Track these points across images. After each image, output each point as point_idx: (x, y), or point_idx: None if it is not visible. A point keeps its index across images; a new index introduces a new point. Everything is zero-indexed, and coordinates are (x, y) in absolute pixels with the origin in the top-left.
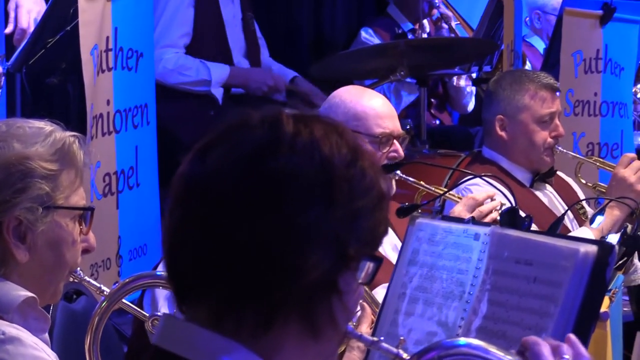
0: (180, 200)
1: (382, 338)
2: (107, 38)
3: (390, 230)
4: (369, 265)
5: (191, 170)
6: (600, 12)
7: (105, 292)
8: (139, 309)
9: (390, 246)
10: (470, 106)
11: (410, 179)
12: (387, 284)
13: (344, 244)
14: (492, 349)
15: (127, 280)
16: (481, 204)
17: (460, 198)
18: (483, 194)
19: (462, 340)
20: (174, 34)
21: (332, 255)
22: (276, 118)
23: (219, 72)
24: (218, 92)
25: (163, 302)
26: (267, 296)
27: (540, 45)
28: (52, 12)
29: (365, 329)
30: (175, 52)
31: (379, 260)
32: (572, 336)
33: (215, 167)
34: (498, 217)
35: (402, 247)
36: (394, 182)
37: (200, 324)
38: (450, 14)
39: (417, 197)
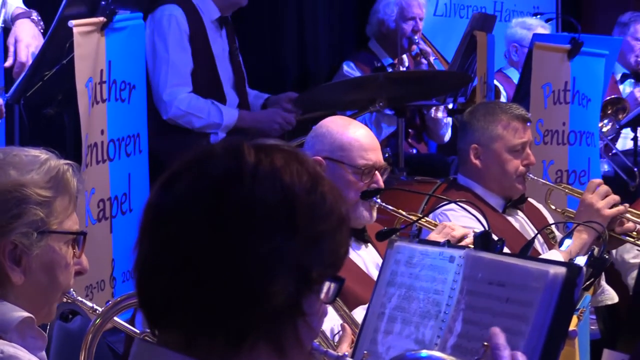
0: (148, 229)
1: (346, 353)
2: (101, 71)
3: (372, 249)
4: (331, 286)
5: (158, 200)
6: (568, 46)
7: (97, 311)
8: (130, 326)
9: (373, 264)
10: (447, 137)
11: (389, 207)
12: (366, 305)
13: (307, 268)
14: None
15: (119, 299)
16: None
17: (435, 225)
18: (460, 230)
19: (424, 352)
20: (182, 72)
21: (296, 280)
22: (238, 148)
23: (229, 115)
24: (221, 136)
25: None
26: (235, 320)
27: (516, 76)
28: (49, 46)
29: (345, 348)
30: (188, 91)
31: (341, 280)
32: (519, 354)
33: (181, 196)
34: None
35: (381, 269)
36: (375, 210)
37: (172, 347)
38: (428, 49)
39: (397, 221)
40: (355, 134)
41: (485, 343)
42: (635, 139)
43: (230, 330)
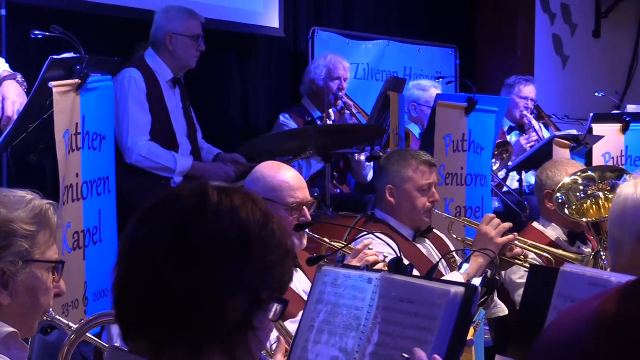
0: (125, 257)
1: None
2: (77, 124)
3: (303, 275)
4: (277, 307)
5: (134, 233)
6: (465, 104)
7: (72, 328)
8: (100, 341)
9: (302, 288)
10: (369, 177)
11: (316, 236)
12: (295, 319)
13: (257, 291)
14: None
15: (90, 318)
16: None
17: (352, 249)
18: (373, 257)
19: None
20: (141, 124)
21: (248, 301)
22: (203, 190)
23: (182, 163)
24: (178, 180)
25: (117, 337)
26: (195, 334)
27: (416, 130)
28: (32, 103)
29: (280, 358)
30: (147, 139)
31: (286, 302)
32: (437, 357)
33: (154, 230)
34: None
35: (311, 289)
36: (305, 239)
37: (142, 355)
38: (351, 103)
39: (323, 249)
40: (284, 177)
41: (405, 355)
42: (520, 180)
43: (192, 341)
